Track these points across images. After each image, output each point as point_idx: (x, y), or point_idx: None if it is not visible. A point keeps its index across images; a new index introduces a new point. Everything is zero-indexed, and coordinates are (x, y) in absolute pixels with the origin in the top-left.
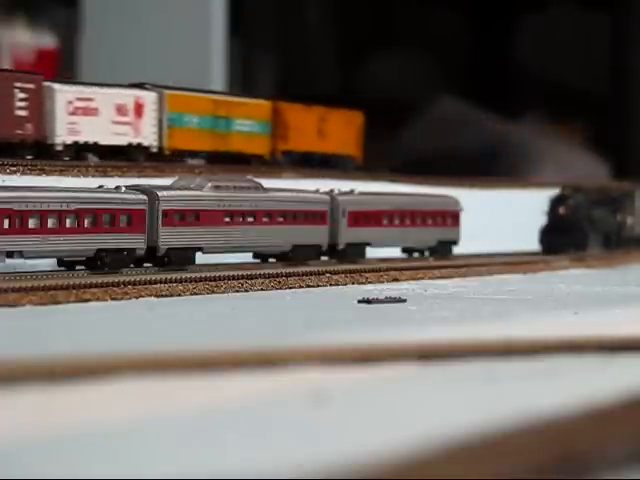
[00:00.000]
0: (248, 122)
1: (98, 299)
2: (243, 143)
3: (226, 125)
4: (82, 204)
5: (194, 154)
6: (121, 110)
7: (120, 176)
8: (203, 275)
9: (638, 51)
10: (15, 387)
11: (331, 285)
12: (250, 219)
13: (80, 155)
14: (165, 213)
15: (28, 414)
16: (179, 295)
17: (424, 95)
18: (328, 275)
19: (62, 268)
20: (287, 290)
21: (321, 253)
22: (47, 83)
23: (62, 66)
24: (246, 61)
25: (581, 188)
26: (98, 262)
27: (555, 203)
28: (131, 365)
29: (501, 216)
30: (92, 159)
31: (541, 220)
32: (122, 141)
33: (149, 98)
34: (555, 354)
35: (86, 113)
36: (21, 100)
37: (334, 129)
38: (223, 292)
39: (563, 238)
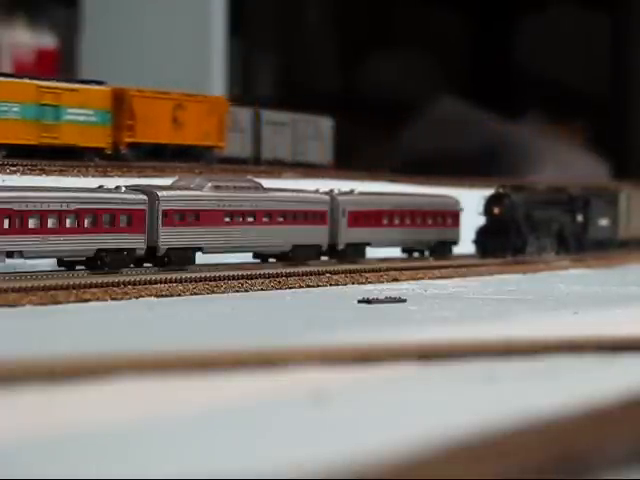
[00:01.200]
0: (83, 111)
1: (98, 299)
2: (76, 135)
3: (55, 115)
4: (82, 204)
5: (14, 148)
6: None
7: (120, 176)
8: (203, 275)
9: (638, 51)
10: (15, 387)
11: (331, 285)
12: (250, 219)
13: None
14: (165, 213)
15: (28, 414)
16: (179, 295)
17: (424, 95)
18: (328, 275)
19: (62, 268)
20: (287, 290)
21: (321, 253)
22: None
23: (62, 66)
24: (246, 61)
25: (522, 187)
26: (98, 262)
27: (490, 202)
28: (131, 365)
29: None
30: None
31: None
32: None
33: None
34: (555, 354)
35: None
36: None
37: (192, 118)
38: (223, 292)
39: (498, 240)
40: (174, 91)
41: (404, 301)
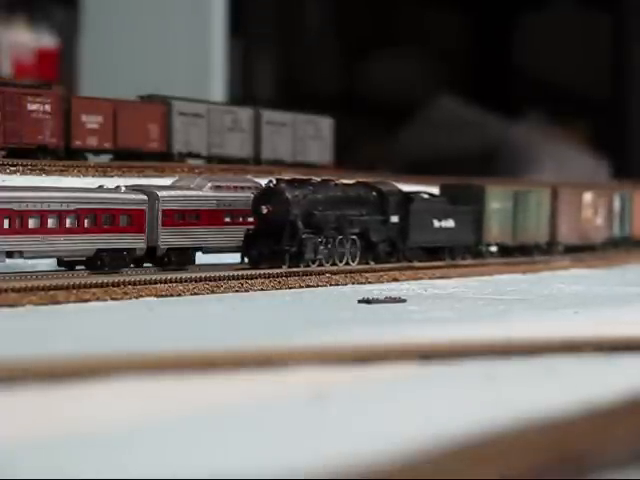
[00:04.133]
0: None
1: (98, 299)
2: None
3: None
4: (82, 204)
5: None
6: None
7: (120, 176)
8: (203, 275)
9: (638, 51)
10: (15, 387)
11: (331, 285)
12: (250, 219)
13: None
14: (165, 213)
15: (28, 414)
16: (179, 295)
17: (424, 95)
18: (328, 275)
19: (62, 268)
20: (287, 290)
21: None
22: None
23: (62, 66)
24: (246, 61)
25: (303, 181)
26: (98, 262)
27: (258, 200)
28: (131, 365)
29: None
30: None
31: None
32: None
33: None
34: (555, 354)
35: None
36: None
37: None
38: (223, 292)
39: (268, 245)
40: None
41: (404, 301)
